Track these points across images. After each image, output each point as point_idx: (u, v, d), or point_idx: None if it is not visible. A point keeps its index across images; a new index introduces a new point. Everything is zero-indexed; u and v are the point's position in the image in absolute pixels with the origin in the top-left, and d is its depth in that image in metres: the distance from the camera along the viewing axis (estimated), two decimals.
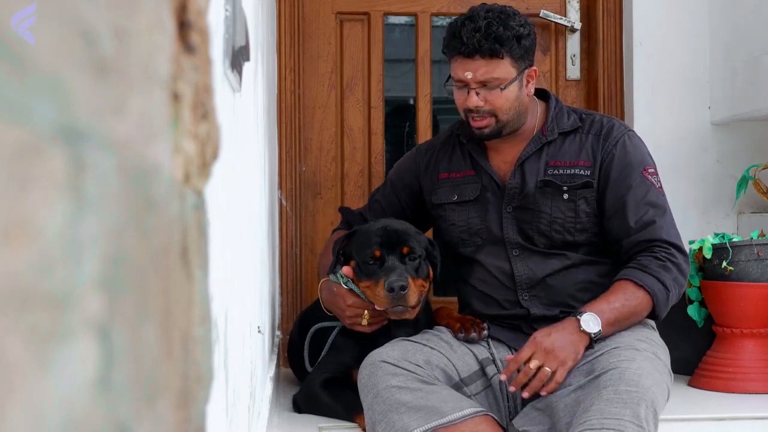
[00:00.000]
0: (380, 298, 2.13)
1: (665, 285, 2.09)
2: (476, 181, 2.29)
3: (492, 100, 2.14)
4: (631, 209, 2.15)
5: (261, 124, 2.08)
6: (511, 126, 2.20)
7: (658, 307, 2.11)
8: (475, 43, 2.09)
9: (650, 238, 2.13)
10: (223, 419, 1.00)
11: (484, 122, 2.16)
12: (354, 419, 2.19)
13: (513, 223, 2.23)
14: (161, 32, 0.46)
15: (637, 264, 2.11)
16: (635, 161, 2.19)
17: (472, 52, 2.11)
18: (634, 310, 2.09)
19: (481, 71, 2.12)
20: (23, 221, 0.30)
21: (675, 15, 3.13)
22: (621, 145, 2.20)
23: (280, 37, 3.12)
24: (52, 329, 0.31)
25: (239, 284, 1.31)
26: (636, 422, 1.80)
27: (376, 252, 2.18)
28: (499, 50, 2.10)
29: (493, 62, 2.11)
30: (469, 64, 2.12)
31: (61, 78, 0.33)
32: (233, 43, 1.12)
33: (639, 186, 2.17)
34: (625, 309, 2.07)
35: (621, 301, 2.08)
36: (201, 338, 0.53)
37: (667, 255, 2.12)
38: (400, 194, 2.44)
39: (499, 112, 2.15)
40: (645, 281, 2.08)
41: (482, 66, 2.11)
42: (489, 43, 2.09)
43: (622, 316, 2.07)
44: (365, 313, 2.22)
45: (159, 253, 0.43)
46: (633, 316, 2.10)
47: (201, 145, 0.53)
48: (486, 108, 2.15)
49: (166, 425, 0.44)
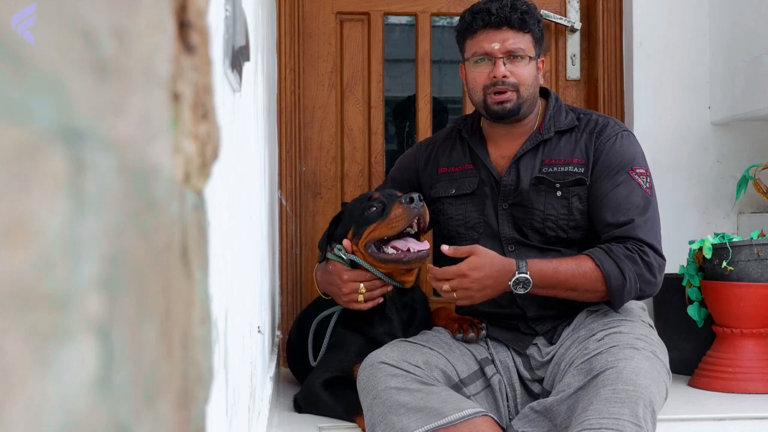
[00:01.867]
0: (399, 218, 2.16)
1: (623, 273, 2.08)
2: (474, 175, 2.30)
3: (518, 73, 2.19)
4: (612, 206, 2.15)
5: (261, 124, 2.08)
6: (528, 106, 2.23)
7: (611, 293, 2.09)
8: (506, 12, 2.18)
9: (626, 236, 2.12)
10: (223, 419, 1.00)
11: (506, 95, 2.19)
12: (354, 420, 2.19)
13: (509, 219, 2.24)
14: (161, 32, 0.46)
15: (605, 247, 2.12)
16: (624, 160, 2.19)
17: (501, 23, 2.18)
18: (579, 281, 2.08)
19: (510, 41, 2.19)
20: (23, 221, 0.30)
21: (675, 15, 3.13)
22: (611, 143, 2.21)
23: (280, 37, 3.12)
24: (52, 329, 0.31)
25: (239, 284, 1.31)
26: (634, 421, 1.80)
27: (375, 196, 2.24)
28: (527, 23, 2.19)
29: (520, 34, 2.19)
30: (497, 34, 2.19)
31: (61, 78, 0.33)
32: (233, 43, 1.12)
33: (624, 184, 2.17)
34: (569, 274, 2.08)
35: (569, 266, 2.09)
36: (201, 338, 0.53)
37: (639, 250, 2.11)
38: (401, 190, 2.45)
39: (522, 86, 2.20)
40: (603, 262, 2.08)
41: (510, 36, 2.19)
42: (518, 14, 2.18)
43: (563, 278, 2.08)
44: (361, 287, 2.25)
45: (159, 254, 0.43)
46: (576, 286, 2.09)
47: (201, 145, 0.53)
48: (511, 80, 2.19)
49: (166, 425, 0.44)
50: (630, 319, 2.14)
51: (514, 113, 2.21)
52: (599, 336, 2.07)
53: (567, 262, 2.10)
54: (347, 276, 2.26)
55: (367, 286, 2.26)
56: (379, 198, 2.23)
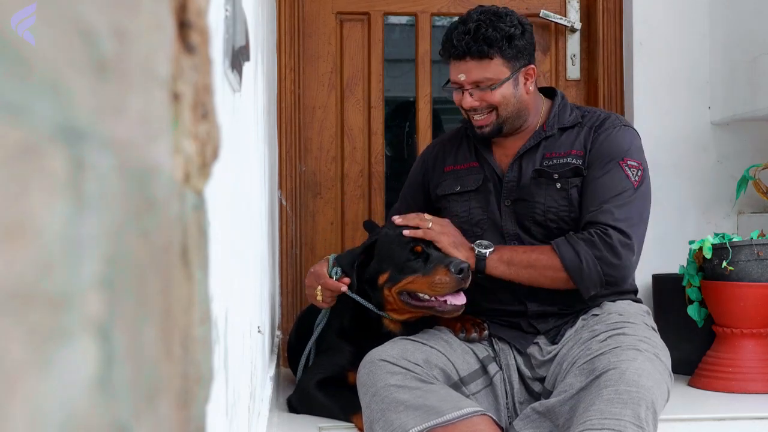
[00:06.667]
0: (443, 284, 2.11)
1: (578, 255, 2.09)
2: (479, 172, 2.31)
3: (487, 99, 2.20)
4: (593, 194, 2.16)
5: (261, 124, 2.08)
6: (511, 123, 2.24)
7: (572, 277, 2.11)
8: (464, 45, 2.16)
9: (595, 221, 2.13)
10: (223, 419, 1.00)
11: (484, 120, 2.22)
12: (350, 419, 2.19)
13: (511, 216, 2.25)
14: (161, 32, 0.46)
15: (567, 234, 2.14)
16: (616, 150, 2.20)
17: (462, 54, 2.18)
18: (534, 263, 2.13)
19: (473, 72, 2.18)
20: (23, 221, 0.30)
21: (675, 15, 3.13)
22: (607, 135, 2.21)
23: (280, 37, 3.12)
24: (52, 329, 0.31)
25: (239, 284, 1.31)
26: (636, 422, 1.80)
27: (418, 248, 2.18)
28: (488, 51, 2.16)
29: (483, 63, 2.17)
30: (461, 65, 2.19)
31: (61, 78, 0.33)
32: (233, 43, 1.12)
33: (611, 174, 2.17)
34: (524, 257, 2.15)
35: (525, 250, 2.16)
36: (201, 338, 0.53)
37: (601, 233, 2.10)
38: (417, 197, 2.47)
39: (499, 107, 2.21)
40: (560, 246, 2.11)
41: (473, 67, 2.18)
42: (477, 45, 2.16)
43: (518, 261, 2.15)
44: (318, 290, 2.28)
45: (159, 254, 0.43)
46: (531, 269, 2.14)
47: (201, 145, 0.53)
48: (483, 106, 2.21)
49: (166, 425, 0.44)
50: (633, 321, 2.14)
51: (496, 133, 2.25)
52: (602, 337, 2.07)
53: (524, 246, 2.20)
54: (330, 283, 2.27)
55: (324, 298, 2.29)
56: (422, 251, 2.18)
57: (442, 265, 2.11)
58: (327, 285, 2.26)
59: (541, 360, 2.19)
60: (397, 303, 2.21)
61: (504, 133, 2.25)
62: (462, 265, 2.08)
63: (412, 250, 2.17)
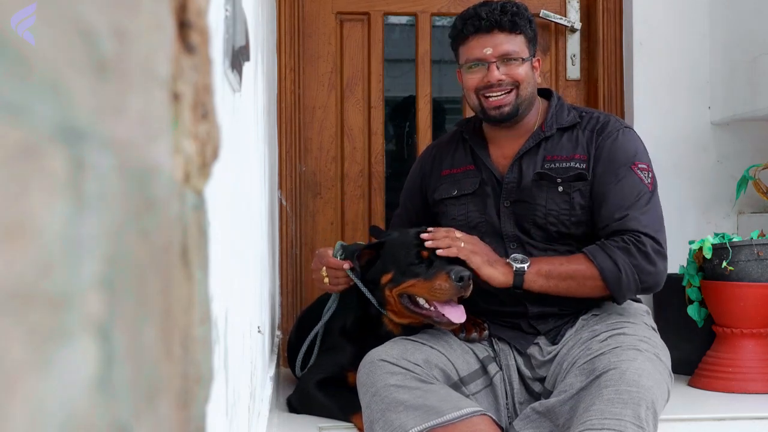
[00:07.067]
0: (442, 291, 2.11)
1: (617, 264, 2.08)
2: (476, 175, 2.31)
3: (513, 73, 2.20)
4: (612, 201, 2.15)
5: (261, 124, 2.08)
6: (525, 108, 2.24)
7: (610, 287, 2.09)
8: (496, 16, 2.18)
9: (623, 229, 2.12)
10: (223, 419, 1.00)
11: (503, 99, 2.21)
12: (350, 419, 2.19)
13: (511, 218, 2.24)
14: (161, 32, 0.46)
15: (600, 243, 2.13)
16: (625, 155, 2.20)
17: (491, 27, 2.19)
18: (573, 274, 2.11)
19: (503, 45, 2.19)
20: (23, 221, 0.30)
21: (675, 15, 3.13)
22: (613, 139, 2.21)
23: (280, 37, 3.12)
24: (52, 329, 0.31)
25: (239, 284, 1.31)
26: (636, 422, 1.80)
27: (424, 253, 2.17)
28: (518, 24, 2.19)
29: (511, 36, 2.20)
30: (489, 39, 2.20)
31: (61, 78, 0.33)
32: (233, 43, 1.12)
33: (624, 179, 2.17)
34: (562, 268, 2.11)
35: (561, 261, 2.13)
36: (201, 338, 0.53)
37: (635, 241, 2.10)
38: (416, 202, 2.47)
39: (521, 84, 2.21)
40: (596, 255, 2.09)
41: (503, 40, 2.20)
42: (508, 17, 2.18)
43: (557, 273, 2.11)
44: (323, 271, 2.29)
45: (159, 254, 0.43)
46: (570, 280, 2.11)
47: (201, 145, 0.53)
48: (507, 81, 2.20)
49: (166, 425, 0.44)
50: (633, 321, 2.14)
51: (513, 115, 2.23)
52: (602, 337, 2.07)
53: (559, 257, 2.15)
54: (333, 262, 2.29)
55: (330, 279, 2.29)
56: (428, 257, 2.17)
57: (443, 271, 2.11)
58: (329, 263, 2.27)
59: (541, 360, 2.19)
60: (398, 305, 2.21)
61: (517, 118, 2.24)
62: (463, 273, 2.07)
63: (418, 254, 2.17)
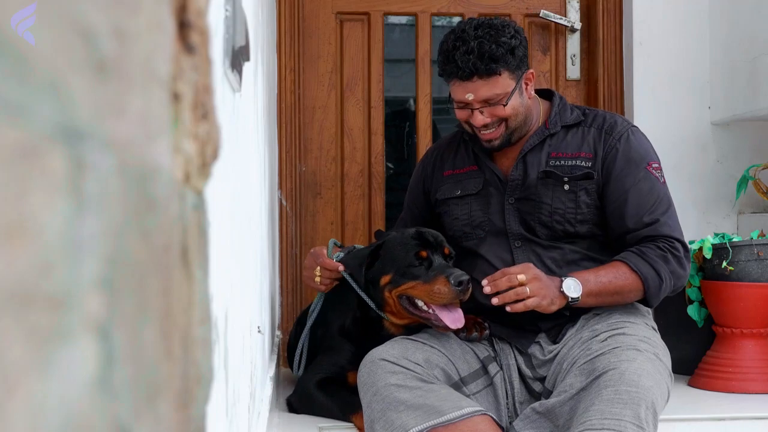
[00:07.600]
0: (441, 294, 2.10)
1: (659, 274, 2.10)
2: (479, 175, 2.31)
3: (498, 113, 2.16)
4: (635, 204, 2.16)
5: (261, 124, 2.08)
6: (519, 132, 2.23)
7: (648, 295, 2.12)
8: (471, 66, 2.09)
9: (655, 235, 2.14)
10: (223, 419, 1.00)
11: (493, 134, 2.19)
12: (350, 419, 2.19)
13: (515, 215, 2.24)
14: (161, 32, 0.46)
15: (637, 250, 2.13)
16: (639, 156, 2.20)
17: (469, 75, 2.11)
18: (620, 290, 2.11)
19: (482, 91, 2.13)
20: (23, 221, 0.30)
21: (675, 15, 3.13)
22: (625, 139, 2.21)
23: (280, 37, 3.12)
24: (52, 329, 0.31)
25: (239, 284, 1.31)
26: (636, 423, 1.80)
27: (423, 253, 2.16)
28: (496, 68, 2.11)
29: (491, 80, 2.12)
30: (468, 86, 2.13)
31: (61, 78, 0.33)
32: (233, 43, 1.12)
33: (643, 181, 2.18)
34: (611, 285, 2.10)
35: (609, 278, 2.10)
36: (201, 338, 0.53)
37: (670, 248, 2.13)
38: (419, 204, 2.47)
39: (509, 119, 2.18)
40: (639, 266, 2.10)
41: (482, 86, 2.12)
42: (484, 64, 2.09)
43: (605, 290, 2.10)
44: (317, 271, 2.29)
45: (159, 254, 0.43)
46: (617, 295, 2.12)
47: (201, 145, 0.53)
48: (494, 121, 2.17)
49: (166, 425, 0.44)
50: (634, 321, 2.15)
51: (505, 145, 2.22)
52: (602, 337, 2.07)
53: (603, 269, 2.12)
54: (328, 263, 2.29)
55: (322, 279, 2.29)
56: (427, 257, 2.16)
57: (443, 275, 2.10)
58: (325, 264, 2.27)
59: (542, 360, 2.18)
60: (396, 306, 2.21)
61: (512, 143, 2.23)
62: (462, 277, 2.07)
63: (417, 255, 2.17)
